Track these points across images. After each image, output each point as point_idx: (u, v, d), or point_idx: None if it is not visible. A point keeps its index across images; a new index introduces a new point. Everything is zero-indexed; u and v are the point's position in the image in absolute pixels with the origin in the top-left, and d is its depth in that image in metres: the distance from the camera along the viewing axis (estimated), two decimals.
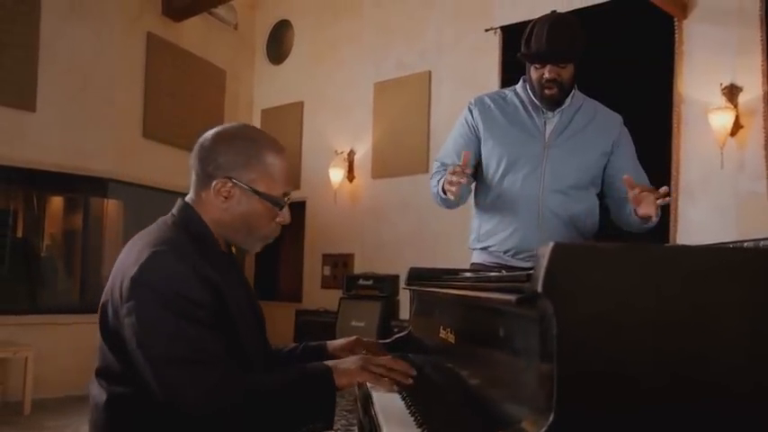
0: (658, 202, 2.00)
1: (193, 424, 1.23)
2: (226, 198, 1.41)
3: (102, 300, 1.36)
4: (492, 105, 2.36)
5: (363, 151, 6.93)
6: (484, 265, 2.33)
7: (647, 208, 2.02)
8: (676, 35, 4.87)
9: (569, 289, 0.76)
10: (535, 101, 2.29)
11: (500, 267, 2.25)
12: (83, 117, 5.59)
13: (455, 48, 6.31)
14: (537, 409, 0.79)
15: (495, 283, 1.14)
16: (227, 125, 1.52)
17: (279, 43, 7.96)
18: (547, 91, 2.22)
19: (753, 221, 4.38)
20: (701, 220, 4.72)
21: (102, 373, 1.35)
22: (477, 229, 2.38)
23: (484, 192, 2.36)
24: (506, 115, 2.33)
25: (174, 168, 6.31)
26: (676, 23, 4.87)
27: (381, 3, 6.93)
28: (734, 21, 4.65)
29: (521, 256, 2.26)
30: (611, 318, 0.77)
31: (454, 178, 2.08)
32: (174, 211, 1.47)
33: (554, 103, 2.25)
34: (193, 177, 1.47)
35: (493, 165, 2.31)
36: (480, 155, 2.36)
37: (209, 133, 1.48)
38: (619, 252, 0.78)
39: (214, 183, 1.41)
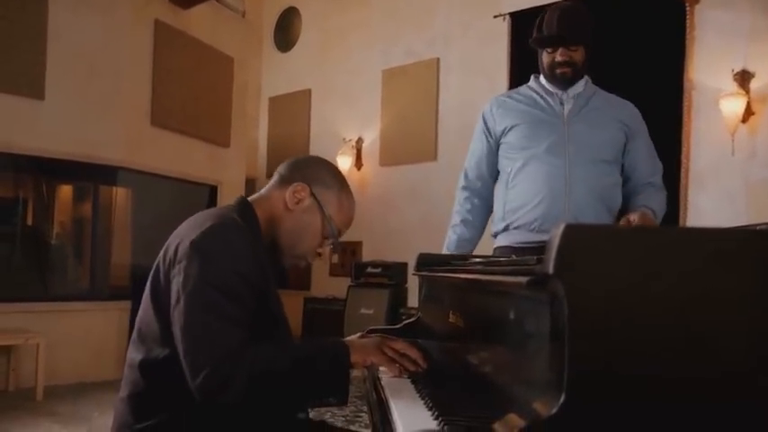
0: None
1: (199, 395, 1.24)
2: (297, 202, 1.49)
3: (153, 267, 1.40)
4: (507, 99, 2.46)
5: (371, 139, 6.92)
6: (510, 247, 2.35)
7: None
8: (687, 21, 4.84)
9: (581, 271, 0.76)
10: (549, 88, 2.35)
11: (525, 249, 2.26)
12: (91, 105, 5.60)
13: (464, 35, 6.28)
14: (547, 391, 0.80)
15: (505, 267, 1.14)
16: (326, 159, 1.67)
17: (286, 31, 7.95)
18: (558, 71, 2.29)
19: (763, 209, 4.36)
20: (711, 208, 4.70)
21: (143, 336, 1.38)
22: (501, 209, 2.40)
23: (507, 175, 2.39)
24: (524, 102, 2.40)
25: (182, 156, 6.32)
26: (688, 9, 4.83)
27: None
28: (746, 6, 4.61)
29: (546, 226, 2.26)
30: (622, 299, 0.76)
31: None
32: (233, 203, 1.53)
33: (567, 81, 2.31)
34: (275, 178, 1.56)
35: (515, 143, 2.36)
36: (497, 162, 2.44)
37: (311, 155, 1.71)
38: (631, 234, 0.78)
39: (294, 184, 1.49)
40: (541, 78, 2.41)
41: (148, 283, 1.40)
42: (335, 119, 7.24)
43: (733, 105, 4.49)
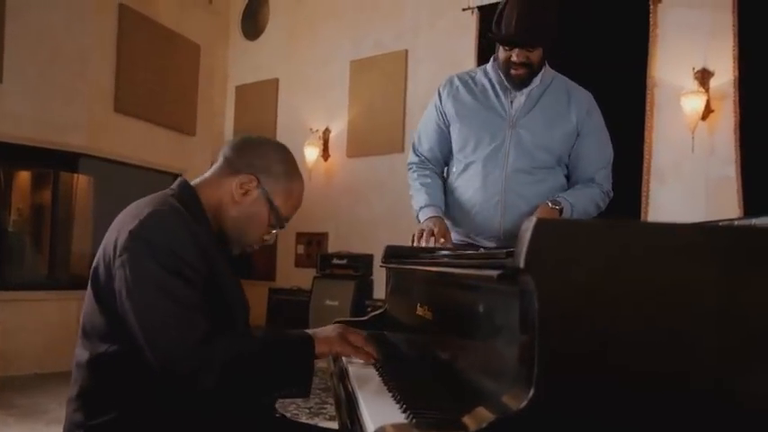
0: None
1: (173, 381, 1.23)
2: (244, 194, 1.46)
3: (93, 263, 1.37)
4: (460, 86, 2.37)
5: (339, 130, 6.90)
6: (453, 243, 2.34)
7: None
8: (651, 19, 4.91)
9: (551, 265, 0.77)
10: (504, 80, 2.29)
11: (468, 245, 2.27)
12: (52, 89, 5.46)
13: (432, 27, 6.28)
14: (517, 384, 0.80)
15: (474, 260, 1.15)
16: (275, 140, 1.64)
17: (254, 19, 7.86)
18: (513, 71, 2.21)
19: (722, 205, 4.46)
20: (672, 203, 4.79)
21: (88, 334, 1.35)
22: (446, 207, 2.38)
23: (454, 171, 2.38)
24: (474, 96, 2.34)
25: (146, 144, 6.21)
26: (651, 7, 4.91)
27: None
28: (707, 5, 4.70)
29: (484, 236, 2.28)
30: (592, 293, 0.78)
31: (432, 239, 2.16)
32: (174, 186, 1.50)
33: (521, 82, 2.25)
34: (220, 162, 1.51)
35: (459, 146, 2.33)
36: (450, 140, 2.38)
37: (258, 136, 1.60)
38: (601, 228, 0.79)
39: (241, 176, 1.46)
40: (498, 69, 2.32)
41: (90, 279, 1.37)
42: (303, 109, 7.20)
43: (693, 103, 4.58)
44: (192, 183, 1.50)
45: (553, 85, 2.31)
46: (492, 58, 2.35)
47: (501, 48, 2.23)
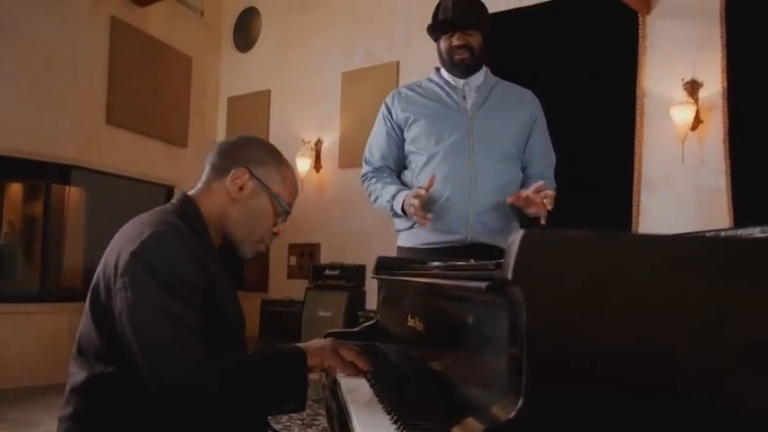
0: (542, 197, 2.12)
1: (170, 402, 1.23)
2: (240, 189, 1.44)
3: (93, 282, 1.36)
4: (410, 93, 2.45)
5: (330, 141, 6.91)
6: (414, 249, 2.34)
7: (537, 208, 2.14)
8: (640, 30, 4.95)
9: (539, 276, 0.78)
10: (450, 80, 2.37)
11: (432, 251, 2.26)
12: (44, 101, 5.46)
13: (423, 39, 6.25)
14: (506, 395, 0.81)
15: (464, 272, 1.15)
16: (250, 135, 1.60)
17: (246, 31, 7.87)
18: (457, 56, 2.32)
19: (712, 215, 4.49)
20: (663, 213, 4.82)
21: (84, 353, 1.35)
22: None
23: (411, 172, 2.39)
24: (426, 97, 2.40)
25: (138, 155, 6.21)
26: (640, 19, 4.95)
27: None
28: (696, 17, 4.74)
29: (449, 227, 2.26)
30: (580, 305, 0.78)
31: (416, 202, 2.14)
32: (174, 200, 1.48)
33: (466, 67, 2.34)
34: (207, 171, 1.49)
35: (420, 143, 2.35)
36: (403, 149, 2.42)
37: (233, 137, 1.58)
38: (589, 240, 0.79)
39: (233, 171, 1.44)
40: (442, 71, 2.42)
41: (88, 298, 1.37)
42: (295, 120, 7.21)
43: (683, 114, 4.61)
44: (190, 194, 1.49)
45: (499, 84, 2.42)
46: (434, 69, 2.46)
47: (442, 39, 2.36)
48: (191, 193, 1.49)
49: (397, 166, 2.47)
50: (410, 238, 2.38)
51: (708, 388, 0.80)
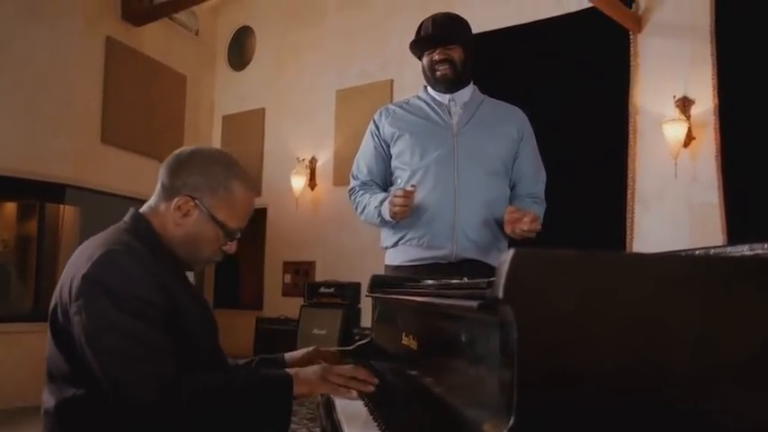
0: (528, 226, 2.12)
1: (142, 424, 1.21)
2: (184, 216, 1.42)
3: (51, 304, 1.34)
4: (397, 110, 2.48)
5: (325, 159, 6.92)
6: (402, 267, 2.34)
7: (526, 226, 2.14)
8: (631, 48, 5.00)
9: (530, 295, 0.78)
10: (437, 97, 2.39)
11: (418, 267, 2.26)
12: (39, 121, 5.47)
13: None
14: (497, 413, 0.81)
15: (456, 290, 1.16)
16: (206, 147, 1.56)
17: (240, 49, 7.91)
18: (439, 72, 2.35)
19: (705, 230, 4.51)
20: (656, 229, 4.84)
21: (52, 378, 1.33)
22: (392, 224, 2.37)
23: (399, 182, 2.39)
24: (414, 114, 2.43)
25: (132, 175, 6.21)
26: (631, 37, 5.00)
27: (344, 11, 6.94)
28: (686, 35, 4.79)
29: (435, 241, 2.26)
30: (571, 324, 0.79)
31: (400, 201, 2.16)
32: (127, 218, 1.47)
33: (449, 82, 2.36)
34: (158, 187, 1.48)
35: (405, 157, 2.37)
36: (390, 166, 2.44)
37: (187, 150, 1.51)
38: (579, 259, 0.80)
39: (177, 199, 1.42)
40: (429, 88, 2.45)
41: (48, 322, 1.35)
42: (289, 138, 7.23)
43: (675, 131, 4.65)
44: (141, 210, 1.48)
45: (486, 101, 2.44)
46: (422, 87, 2.49)
47: (424, 56, 2.40)
48: (143, 210, 1.48)
49: (384, 182, 2.48)
50: (396, 255, 2.38)
51: (699, 406, 0.80)
